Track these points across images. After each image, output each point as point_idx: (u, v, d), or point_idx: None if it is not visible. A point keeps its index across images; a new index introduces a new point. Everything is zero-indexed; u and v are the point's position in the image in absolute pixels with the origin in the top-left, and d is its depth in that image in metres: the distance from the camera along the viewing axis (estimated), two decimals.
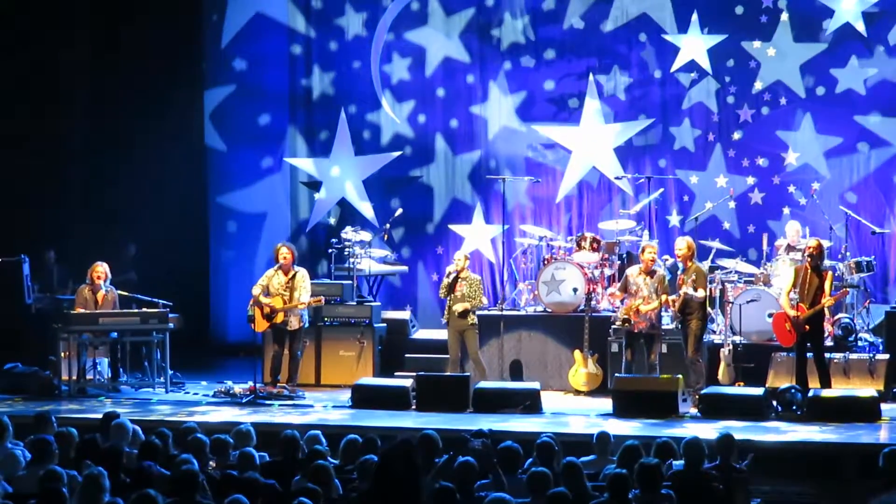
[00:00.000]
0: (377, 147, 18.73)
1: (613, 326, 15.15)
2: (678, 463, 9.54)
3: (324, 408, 14.28)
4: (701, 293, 14.20)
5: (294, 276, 15.03)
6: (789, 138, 17.45)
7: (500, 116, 18.38)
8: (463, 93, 18.52)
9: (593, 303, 15.64)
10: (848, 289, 15.08)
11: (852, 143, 17.28)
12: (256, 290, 15.00)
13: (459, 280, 15.15)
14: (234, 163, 19.08)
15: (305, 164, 18.96)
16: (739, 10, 17.54)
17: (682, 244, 14.50)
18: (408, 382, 14.43)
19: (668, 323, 14.91)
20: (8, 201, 18.13)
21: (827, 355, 14.22)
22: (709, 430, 11.69)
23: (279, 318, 14.98)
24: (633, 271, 14.55)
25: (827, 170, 17.30)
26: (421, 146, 18.63)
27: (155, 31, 18.56)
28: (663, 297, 14.22)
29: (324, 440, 10.16)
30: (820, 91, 17.39)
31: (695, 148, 17.73)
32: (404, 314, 17.26)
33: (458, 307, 15.04)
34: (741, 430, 12.27)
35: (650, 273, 14.38)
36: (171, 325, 15.45)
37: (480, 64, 18.44)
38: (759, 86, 17.49)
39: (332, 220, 18.78)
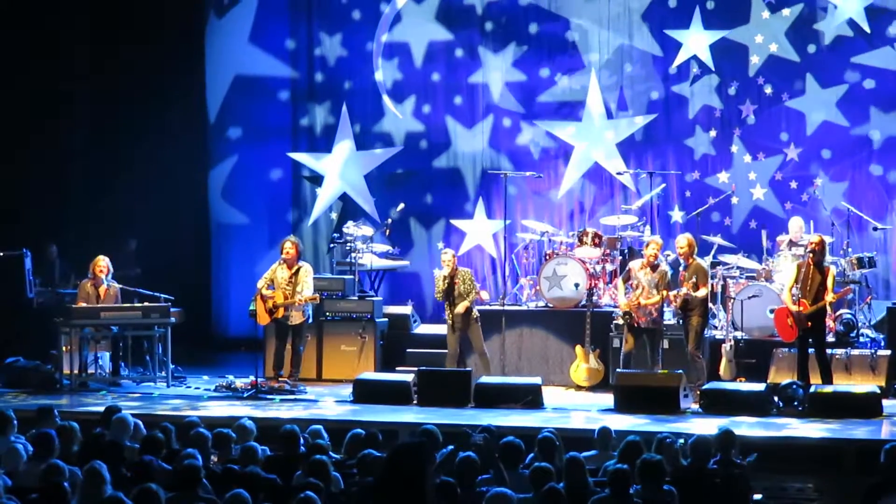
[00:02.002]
0: (408, 155, 18.63)
1: (615, 322, 15.15)
2: (680, 441, 9.58)
3: (317, 401, 14.30)
4: (702, 292, 14.19)
5: (298, 270, 15.01)
6: (800, 104, 17.46)
7: (499, 75, 18.36)
8: (456, 69, 18.52)
9: (595, 298, 15.64)
10: (851, 287, 15.09)
11: (858, 84, 17.33)
12: (261, 284, 14.99)
13: (455, 279, 15.12)
14: (257, 230, 18.99)
15: (307, 160, 18.96)
16: (711, 4, 17.59)
17: (682, 241, 14.48)
18: (409, 377, 14.43)
19: (669, 318, 14.91)
20: (10, 195, 18.14)
21: (828, 351, 14.23)
22: (710, 426, 11.67)
23: (280, 312, 14.97)
24: (635, 265, 14.56)
25: (844, 119, 17.33)
26: (434, 135, 18.60)
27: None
28: (664, 293, 14.20)
29: (325, 434, 10.15)
30: (811, 49, 17.43)
31: (715, 151, 17.71)
32: (406, 309, 17.25)
33: (459, 307, 15.01)
34: (742, 425, 12.28)
35: (652, 268, 14.37)
36: (172, 319, 15.46)
37: (463, 35, 18.47)
38: (757, 74, 17.50)
39: (334, 215, 18.78)
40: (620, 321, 14.66)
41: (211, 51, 19.07)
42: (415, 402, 14.11)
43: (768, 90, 17.52)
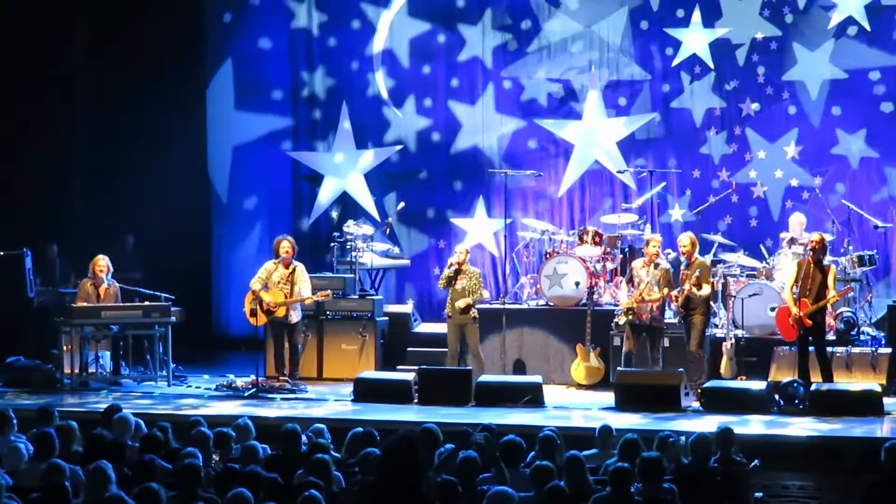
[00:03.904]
0: (408, 154, 18.62)
1: (615, 320, 15.15)
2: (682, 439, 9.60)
3: (318, 400, 14.31)
4: (706, 290, 14.18)
5: (294, 270, 15.01)
6: (798, 74, 17.44)
7: (487, 44, 18.31)
8: (444, 54, 18.49)
9: (595, 297, 15.64)
10: (852, 286, 15.08)
11: (843, 34, 17.28)
12: (256, 286, 14.95)
13: (460, 273, 15.11)
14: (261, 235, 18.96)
15: (307, 158, 18.96)
16: (681, 12, 17.63)
17: (685, 239, 14.49)
18: (410, 376, 14.43)
19: (670, 317, 14.91)
20: (10, 195, 18.13)
21: (829, 349, 14.23)
22: (711, 424, 11.68)
23: (280, 312, 14.95)
24: (637, 263, 14.56)
25: (842, 71, 17.31)
26: (444, 124, 18.56)
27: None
28: (665, 291, 14.20)
29: (327, 434, 10.15)
30: (789, 19, 17.43)
31: (717, 149, 17.68)
32: (406, 308, 17.25)
33: (460, 302, 14.98)
34: (743, 424, 12.28)
35: (654, 266, 14.37)
36: (172, 318, 15.46)
37: (440, 20, 18.46)
38: (748, 62, 17.48)
39: (334, 214, 18.77)
40: (622, 319, 14.66)
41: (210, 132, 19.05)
42: (415, 400, 14.11)
43: (761, 71, 17.47)
